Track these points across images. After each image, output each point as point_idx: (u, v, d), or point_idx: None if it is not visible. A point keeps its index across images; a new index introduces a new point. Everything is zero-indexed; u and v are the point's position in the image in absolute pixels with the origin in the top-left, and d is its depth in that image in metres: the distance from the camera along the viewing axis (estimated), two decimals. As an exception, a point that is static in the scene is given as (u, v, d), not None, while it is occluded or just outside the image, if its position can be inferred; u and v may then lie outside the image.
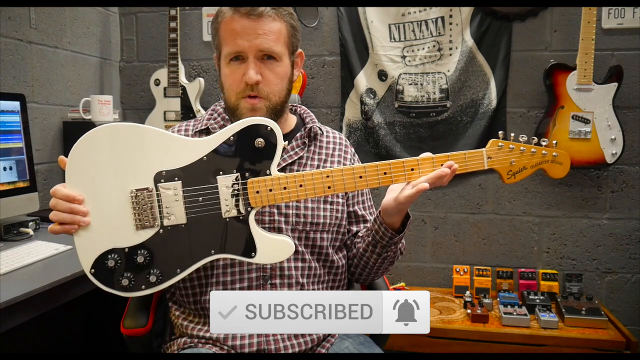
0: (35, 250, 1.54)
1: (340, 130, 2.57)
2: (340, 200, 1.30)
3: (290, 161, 1.24)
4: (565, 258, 2.45)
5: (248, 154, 1.05)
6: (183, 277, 1.06)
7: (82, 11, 2.49)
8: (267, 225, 1.20)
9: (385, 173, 1.07)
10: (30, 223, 1.80)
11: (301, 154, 1.26)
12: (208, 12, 2.66)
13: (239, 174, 1.04)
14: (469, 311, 2.18)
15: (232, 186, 1.04)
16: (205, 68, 2.71)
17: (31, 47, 2.16)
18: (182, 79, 2.57)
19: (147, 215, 1.03)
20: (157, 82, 2.59)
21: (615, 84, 2.21)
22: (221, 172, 1.04)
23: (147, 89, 2.65)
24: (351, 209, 1.34)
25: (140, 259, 1.02)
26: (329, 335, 1.27)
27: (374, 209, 1.37)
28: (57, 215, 1.02)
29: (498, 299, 2.27)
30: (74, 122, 2.32)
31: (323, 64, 2.60)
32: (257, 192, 1.04)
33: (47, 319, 1.64)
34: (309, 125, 1.29)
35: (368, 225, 1.30)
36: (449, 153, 1.09)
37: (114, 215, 1.03)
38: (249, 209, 1.04)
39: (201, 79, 2.58)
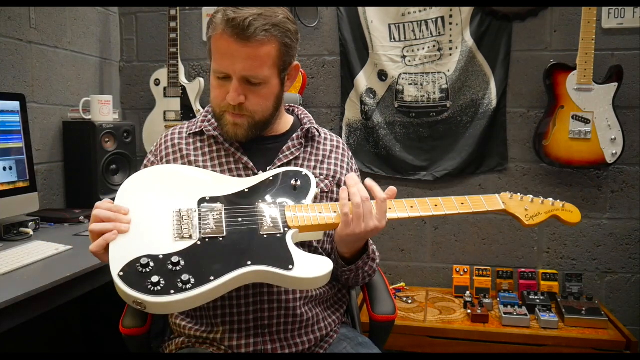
0: (35, 250, 1.54)
1: (340, 130, 2.57)
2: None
3: (285, 161, 1.25)
4: (565, 258, 2.45)
5: (285, 189, 1.16)
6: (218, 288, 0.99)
7: (82, 11, 2.49)
8: None
9: (412, 207, 1.15)
10: (30, 223, 1.80)
11: (297, 154, 1.27)
12: (208, 12, 2.66)
13: (278, 202, 1.12)
14: (469, 311, 2.18)
15: (271, 209, 1.11)
16: (205, 68, 2.71)
17: (31, 47, 2.17)
18: (182, 79, 2.57)
19: (188, 227, 1.05)
20: (157, 82, 2.59)
21: (615, 84, 2.21)
22: (261, 201, 1.13)
23: (147, 89, 2.66)
24: None
25: (173, 265, 0.98)
26: (327, 336, 1.27)
27: None
28: (98, 225, 1.03)
29: (498, 299, 2.27)
30: (74, 122, 2.33)
31: (323, 64, 2.60)
32: (294, 214, 1.10)
33: (47, 319, 1.64)
34: (306, 127, 1.29)
35: None
36: (466, 196, 1.19)
37: (155, 228, 1.05)
38: (287, 229, 1.08)
39: (201, 79, 2.58)
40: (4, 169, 1.74)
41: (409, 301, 2.37)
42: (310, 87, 2.60)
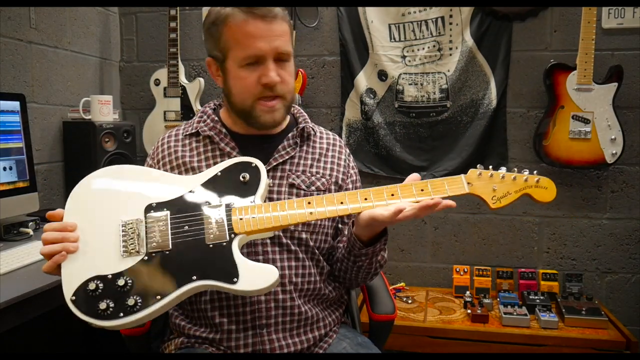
0: (35, 250, 1.54)
1: (340, 130, 2.57)
2: None
3: (281, 160, 1.24)
4: (565, 258, 2.45)
5: (233, 186, 1.11)
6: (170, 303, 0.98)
7: (82, 11, 2.49)
8: None
9: (365, 199, 1.07)
10: (30, 223, 1.80)
11: (292, 154, 1.26)
12: (208, 12, 2.66)
13: (224, 204, 1.08)
14: (469, 311, 2.18)
15: (217, 214, 1.06)
16: (205, 68, 2.70)
17: (31, 47, 2.17)
18: (182, 79, 2.57)
19: (134, 243, 1.02)
20: (157, 82, 2.59)
21: (615, 84, 2.21)
22: (208, 203, 1.08)
23: (147, 89, 2.66)
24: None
25: (120, 286, 0.97)
26: (326, 335, 1.27)
27: None
28: (46, 248, 1.00)
29: (498, 299, 2.27)
30: (74, 122, 2.33)
31: (323, 64, 2.60)
32: (241, 218, 1.05)
33: (47, 319, 1.65)
34: (301, 125, 1.29)
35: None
36: (427, 180, 1.10)
37: (103, 244, 1.03)
38: (233, 235, 1.04)
39: (201, 79, 2.58)
40: (4, 169, 1.74)
41: (409, 301, 2.37)
42: (310, 87, 2.60)
